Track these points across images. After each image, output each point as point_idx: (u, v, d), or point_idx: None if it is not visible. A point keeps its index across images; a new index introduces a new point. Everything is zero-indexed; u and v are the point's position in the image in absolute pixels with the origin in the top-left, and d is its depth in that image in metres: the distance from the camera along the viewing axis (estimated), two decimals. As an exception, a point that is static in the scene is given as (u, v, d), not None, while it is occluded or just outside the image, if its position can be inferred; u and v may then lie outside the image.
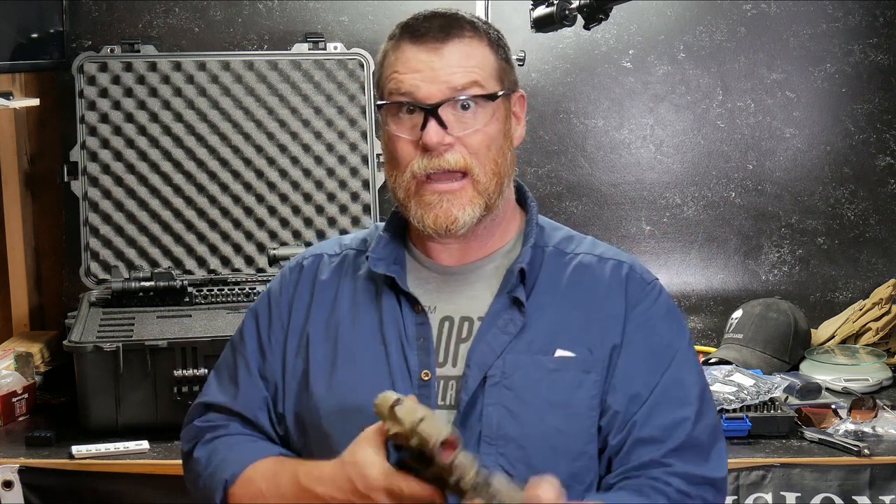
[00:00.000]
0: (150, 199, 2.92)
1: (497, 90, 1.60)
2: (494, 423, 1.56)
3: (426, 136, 1.55)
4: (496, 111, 1.60)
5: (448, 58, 1.57)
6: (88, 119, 2.89)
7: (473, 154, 1.57)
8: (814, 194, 3.14)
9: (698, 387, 1.63)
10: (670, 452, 1.56)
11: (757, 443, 2.33)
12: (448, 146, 1.56)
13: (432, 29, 1.58)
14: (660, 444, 1.56)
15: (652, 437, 1.56)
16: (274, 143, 2.95)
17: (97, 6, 3.03)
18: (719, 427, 1.64)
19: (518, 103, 1.67)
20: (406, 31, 1.60)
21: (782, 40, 3.10)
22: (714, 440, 1.61)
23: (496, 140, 1.60)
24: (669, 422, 1.57)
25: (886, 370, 2.74)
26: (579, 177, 3.12)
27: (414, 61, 1.58)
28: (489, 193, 1.59)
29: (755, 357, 2.73)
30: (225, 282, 2.79)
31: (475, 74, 1.58)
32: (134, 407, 2.37)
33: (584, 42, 3.07)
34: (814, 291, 3.16)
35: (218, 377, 1.73)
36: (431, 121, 1.55)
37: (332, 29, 3.06)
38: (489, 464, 1.54)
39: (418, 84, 1.56)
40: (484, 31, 1.62)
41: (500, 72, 1.62)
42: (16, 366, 2.56)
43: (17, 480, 2.24)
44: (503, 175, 1.61)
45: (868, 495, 2.22)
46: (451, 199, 1.57)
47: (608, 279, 1.65)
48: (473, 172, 1.57)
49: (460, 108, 1.57)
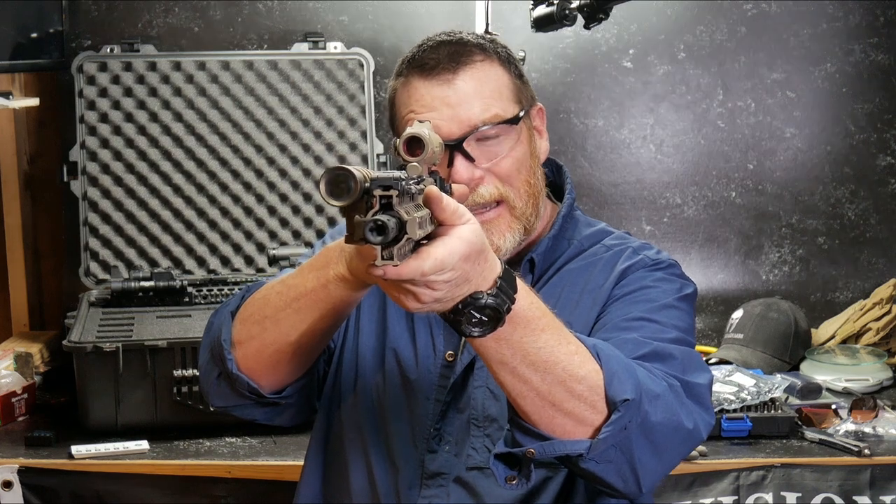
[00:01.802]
0: (149, 198, 2.91)
1: (517, 112, 1.57)
2: (479, 405, 1.57)
3: (455, 175, 1.52)
4: (520, 133, 1.58)
5: (463, 89, 1.54)
6: (88, 119, 2.89)
7: (505, 181, 1.55)
8: (814, 194, 3.14)
9: (675, 333, 1.51)
10: (639, 357, 1.45)
11: (757, 443, 2.33)
12: (479, 180, 1.54)
13: (441, 60, 1.54)
14: (630, 348, 1.45)
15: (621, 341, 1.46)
16: (274, 143, 2.95)
17: (97, 6, 3.03)
18: (697, 357, 1.52)
19: (538, 117, 1.65)
20: (414, 66, 1.56)
21: (783, 40, 3.10)
22: (691, 359, 1.48)
23: (524, 162, 1.58)
24: (628, 339, 1.47)
25: (887, 370, 2.74)
26: (579, 177, 3.12)
27: (428, 98, 1.54)
28: (527, 217, 1.58)
29: (755, 357, 2.73)
30: (225, 282, 2.79)
31: (493, 102, 1.55)
32: (133, 407, 2.37)
33: (584, 42, 3.06)
34: (814, 291, 3.16)
35: None
36: (458, 157, 1.52)
37: (332, 29, 3.06)
38: (477, 446, 1.56)
39: (438, 124, 1.51)
40: (493, 52, 1.58)
41: (517, 91, 1.59)
42: (15, 366, 2.56)
43: (16, 480, 2.23)
44: (537, 195, 1.60)
45: (868, 495, 2.22)
46: (490, 227, 1.54)
47: (606, 260, 1.62)
48: (509, 199, 1.56)
49: (485, 138, 1.54)
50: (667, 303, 1.55)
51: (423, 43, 1.58)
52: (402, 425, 1.60)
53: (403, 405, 1.60)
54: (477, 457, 1.56)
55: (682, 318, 1.56)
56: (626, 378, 1.34)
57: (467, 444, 1.57)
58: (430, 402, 1.59)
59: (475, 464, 1.56)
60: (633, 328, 1.49)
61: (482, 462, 1.55)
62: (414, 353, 1.61)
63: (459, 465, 1.57)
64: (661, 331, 1.49)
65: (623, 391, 1.33)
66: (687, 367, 1.47)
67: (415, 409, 1.59)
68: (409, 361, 1.61)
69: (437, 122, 1.52)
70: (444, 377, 1.59)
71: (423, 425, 1.59)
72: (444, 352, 1.60)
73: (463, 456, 1.57)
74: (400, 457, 1.59)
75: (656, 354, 1.45)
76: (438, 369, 1.60)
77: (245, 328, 1.49)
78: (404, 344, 1.62)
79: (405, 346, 1.62)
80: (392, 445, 1.60)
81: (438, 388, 1.59)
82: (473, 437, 1.57)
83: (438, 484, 1.57)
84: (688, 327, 1.56)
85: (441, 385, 1.59)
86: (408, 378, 1.61)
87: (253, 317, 1.49)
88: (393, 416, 1.61)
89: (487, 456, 1.53)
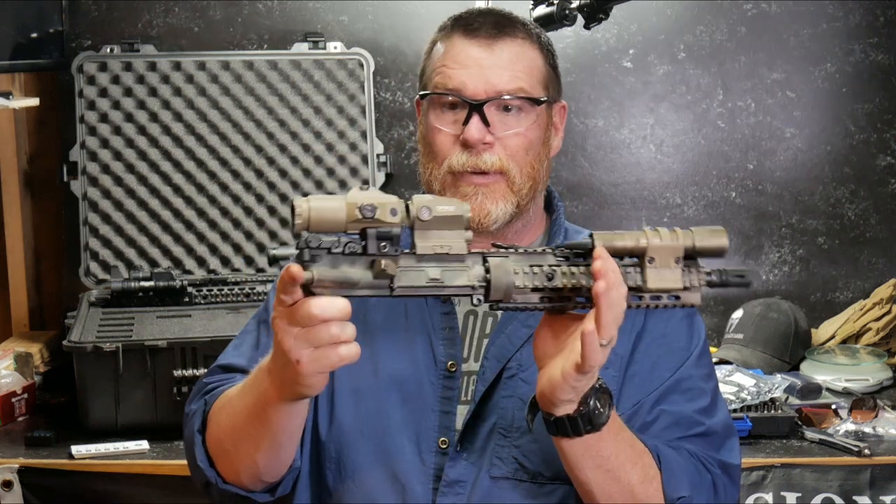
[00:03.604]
0: (149, 198, 2.91)
1: (542, 96, 1.60)
2: (509, 415, 1.55)
3: (468, 132, 1.55)
4: (539, 117, 1.60)
5: (499, 56, 1.57)
6: (88, 119, 2.89)
7: (511, 156, 1.57)
8: (814, 194, 3.14)
9: (710, 385, 1.62)
10: (681, 438, 1.55)
11: (757, 443, 2.33)
12: (488, 146, 1.56)
13: (486, 25, 1.58)
14: (672, 428, 1.55)
15: (664, 424, 1.56)
16: (274, 143, 2.95)
17: (97, 6, 3.03)
18: (732, 424, 1.63)
19: (559, 113, 1.67)
20: (459, 24, 1.60)
21: (783, 40, 3.10)
22: (728, 434, 1.60)
23: (535, 145, 1.59)
24: (680, 412, 1.57)
25: (887, 370, 2.74)
26: (579, 177, 3.12)
27: (463, 56, 1.57)
28: (522, 195, 1.59)
29: (756, 357, 2.73)
30: (225, 282, 2.79)
31: (523, 77, 1.58)
32: (134, 407, 2.37)
33: (584, 42, 3.06)
34: (814, 291, 3.15)
35: (236, 345, 1.69)
36: (475, 117, 1.55)
37: (332, 29, 3.06)
38: (503, 455, 1.55)
39: (465, 81, 1.56)
40: (536, 36, 1.62)
41: (547, 78, 1.62)
42: (15, 366, 2.56)
43: (16, 480, 2.23)
44: (538, 181, 1.61)
45: (868, 495, 2.22)
46: (486, 192, 1.56)
47: None
48: (510, 173, 1.57)
49: (504, 108, 1.57)
50: (695, 352, 1.61)
51: (473, 8, 1.62)
52: (405, 442, 1.57)
53: (405, 423, 1.58)
54: (503, 467, 1.55)
55: (705, 360, 1.63)
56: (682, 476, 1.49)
57: (490, 452, 1.55)
58: (435, 413, 1.57)
59: (501, 474, 1.55)
60: (675, 394, 1.58)
61: (508, 473, 1.55)
62: (412, 367, 1.59)
63: (482, 473, 1.55)
64: (699, 391, 1.59)
65: (680, 488, 1.48)
66: (723, 441, 1.59)
67: (420, 423, 1.57)
68: (409, 377, 1.58)
69: (465, 79, 1.56)
70: (448, 388, 1.58)
71: (430, 439, 1.57)
72: (446, 362, 1.59)
73: (485, 464, 1.55)
74: (403, 473, 1.56)
75: (700, 436, 1.56)
76: (441, 380, 1.58)
77: (214, 447, 1.53)
78: (400, 362, 1.60)
79: (401, 363, 1.59)
80: (396, 465, 1.57)
81: (443, 400, 1.58)
82: (499, 446, 1.55)
83: (456, 492, 1.54)
84: (709, 360, 1.65)
85: (445, 396, 1.58)
86: (407, 395, 1.58)
87: (217, 439, 1.52)
88: (395, 436, 1.58)
89: (515, 467, 1.54)
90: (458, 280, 1.29)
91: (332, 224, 1.24)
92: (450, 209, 1.28)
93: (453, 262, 1.29)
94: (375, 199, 1.25)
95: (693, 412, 1.57)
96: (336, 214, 1.23)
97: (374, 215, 1.24)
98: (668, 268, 1.35)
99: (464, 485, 1.55)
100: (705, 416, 1.58)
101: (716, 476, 1.54)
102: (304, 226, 1.23)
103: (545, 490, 1.54)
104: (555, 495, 1.54)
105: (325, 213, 1.23)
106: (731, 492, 1.57)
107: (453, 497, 1.54)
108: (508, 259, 1.32)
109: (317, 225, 1.23)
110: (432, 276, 1.28)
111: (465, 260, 1.30)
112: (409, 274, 1.27)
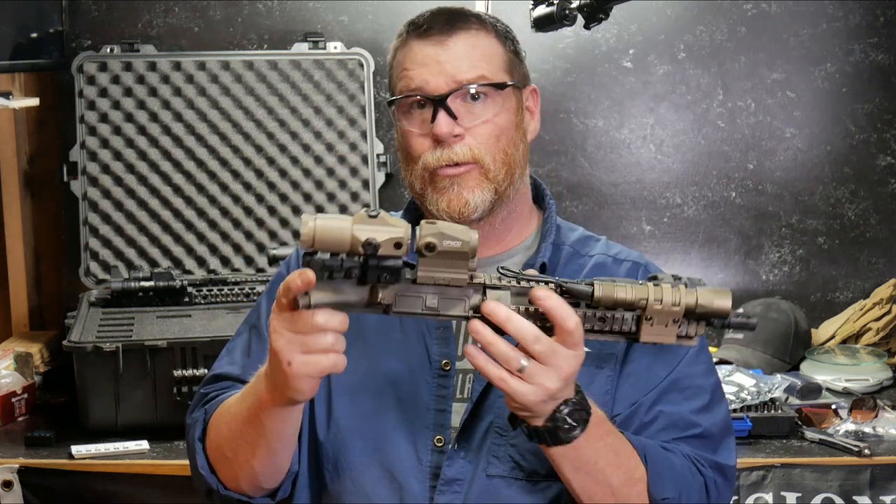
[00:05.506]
0: (149, 198, 2.91)
1: (506, 80, 1.61)
2: (505, 415, 1.55)
3: (436, 128, 1.56)
4: (506, 102, 1.61)
5: (454, 50, 1.58)
6: (88, 119, 2.89)
7: (482, 144, 1.58)
8: (814, 194, 3.14)
9: (710, 382, 1.62)
10: (678, 440, 1.56)
11: (757, 443, 2.33)
12: (458, 138, 1.57)
13: (438, 22, 1.60)
14: (669, 430, 1.56)
15: (661, 425, 1.57)
16: (274, 143, 2.95)
17: (97, 6, 3.03)
18: (730, 422, 1.64)
19: (531, 97, 1.68)
20: (413, 28, 1.62)
21: (782, 40, 3.10)
22: (724, 434, 1.61)
23: (506, 131, 1.60)
24: (678, 413, 1.57)
25: (887, 370, 2.74)
26: (579, 177, 3.12)
27: (420, 56, 1.59)
28: (499, 181, 1.59)
29: (756, 357, 2.73)
30: (225, 282, 2.79)
31: (482, 65, 1.59)
32: (134, 407, 2.37)
33: (584, 42, 3.06)
34: (814, 291, 3.16)
35: (229, 351, 1.71)
36: (441, 112, 1.56)
37: (332, 29, 3.06)
38: (500, 454, 1.56)
39: (426, 78, 1.57)
40: (491, 24, 1.63)
41: (509, 63, 1.63)
42: (15, 366, 2.56)
43: (16, 480, 2.23)
44: (514, 165, 1.61)
45: (868, 495, 2.22)
46: (461, 181, 1.57)
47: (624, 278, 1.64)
48: (483, 161, 1.58)
49: (469, 98, 1.58)
50: (692, 350, 1.60)
51: (426, 11, 1.64)
52: (401, 441, 1.58)
53: (401, 422, 1.58)
54: (499, 465, 1.56)
55: (703, 357, 1.63)
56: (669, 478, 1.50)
57: (486, 450, 1.56)
58: (430, 412, 1.58)
59: (497, 472, 1.55)
60: (672, 393, 1.58)
61: (504, 471, 1.55)
62: (407, 367, 1.60)
63: (478, 471, 1.56)
64: (697, 388, 1.59)
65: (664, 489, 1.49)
66: (720, 442, 1.59)
67: (416, 422, 1.58)
68: (403, 377, 1.59)
69: (426, 76, 1.57)
70: (442, 387, 1.58)
71: (425, 437, 1.57)
72: (440, 361, 1.59)
73: (482, 463, 1.56)
74: (400, 472, 1.57)
75: (697, 437, 1.57)
76: (435, 379, 1.59)
77: (214, 454, 1.56)
78: (395, 361, 1.61)
79: (396, 363, 1.60)
80: (393, 464, 1.57)
81: (437, 399, 1.58)
82: (495, 444, 1.56)
83: (454, 490, 1.55)
84: (707, 357, 1.65)
85: (440, 395, 1.58)
86: (403, 394, 1.59)
87: (216, 445, 1.55)
88: (391, 434, 1.59)
89: (511, 465, 1.55)
90: (455, 310, 1.33)
91: (336, 246, 1.28)
92: (455, 245, 1.30)
93: (452, 291, 1.32)
94: (380, 230, 1.28)
95: (690, 412, 1.57)
96: (341, 236, 1.27)
97: (377, 252, 1.27)
98: (663, 325, 1.36)
99: (461, 483, 1.55)
100: (703, 415, 1.58)
101: (708, 478, 1.55)
102: (309, 242, 1.27)
103: (540, 487, 1.55)
104: (550, 492, 1.55)
105: (330, 233, 1.27)
106: (725, 492, 1.59)
107: (451, 495, 1.55)
108: (508, 293, 1.34)
109: (320, 244, 1.27)
110: (429, 305, 1.33)
111: (464, 289, 1.33)
112: (406, 299, 1.32)
